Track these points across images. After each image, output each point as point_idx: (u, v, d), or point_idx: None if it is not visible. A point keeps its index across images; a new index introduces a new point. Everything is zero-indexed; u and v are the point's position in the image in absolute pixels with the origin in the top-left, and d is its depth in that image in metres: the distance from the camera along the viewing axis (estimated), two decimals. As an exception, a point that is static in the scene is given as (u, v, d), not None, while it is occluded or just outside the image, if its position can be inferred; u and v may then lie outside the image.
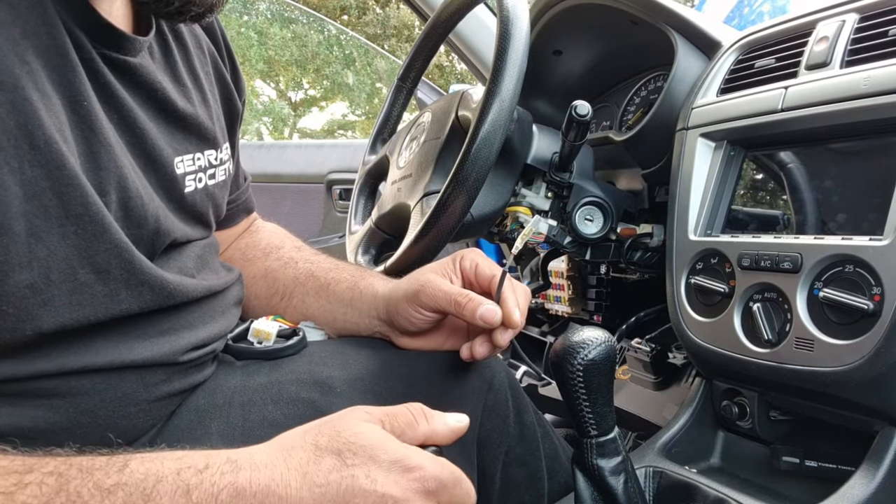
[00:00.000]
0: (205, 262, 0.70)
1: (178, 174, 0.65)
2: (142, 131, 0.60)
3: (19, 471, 0.43)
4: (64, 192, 0.50)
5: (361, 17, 10.87)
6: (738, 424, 0.79)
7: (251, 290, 0.85)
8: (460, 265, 0.73)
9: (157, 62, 0.66)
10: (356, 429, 0.49)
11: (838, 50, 0.74)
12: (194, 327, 0.65)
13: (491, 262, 0.72)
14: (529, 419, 0.80)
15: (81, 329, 0.54)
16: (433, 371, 0.74)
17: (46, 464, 0.45)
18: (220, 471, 0.46)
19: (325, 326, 0.81)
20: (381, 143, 1.23)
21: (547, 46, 1.20)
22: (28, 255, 0.48)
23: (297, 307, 0.82)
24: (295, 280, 0.84)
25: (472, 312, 0.66)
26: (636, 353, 1.06)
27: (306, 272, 0.84)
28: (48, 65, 0.51)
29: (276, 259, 0.88)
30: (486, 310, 0.66)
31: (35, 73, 0.49)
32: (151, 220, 0.59)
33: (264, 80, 9.03)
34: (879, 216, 0.65)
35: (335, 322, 0.80)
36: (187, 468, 0.46)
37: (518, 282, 0.73)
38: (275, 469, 0.47)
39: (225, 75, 0.79)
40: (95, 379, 0.56)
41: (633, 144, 1.01)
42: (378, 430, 0.49)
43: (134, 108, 0.59)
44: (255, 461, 0.47)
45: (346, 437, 0.48)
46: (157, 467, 0.45)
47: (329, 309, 0.81)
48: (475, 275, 0.72)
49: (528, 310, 0.71)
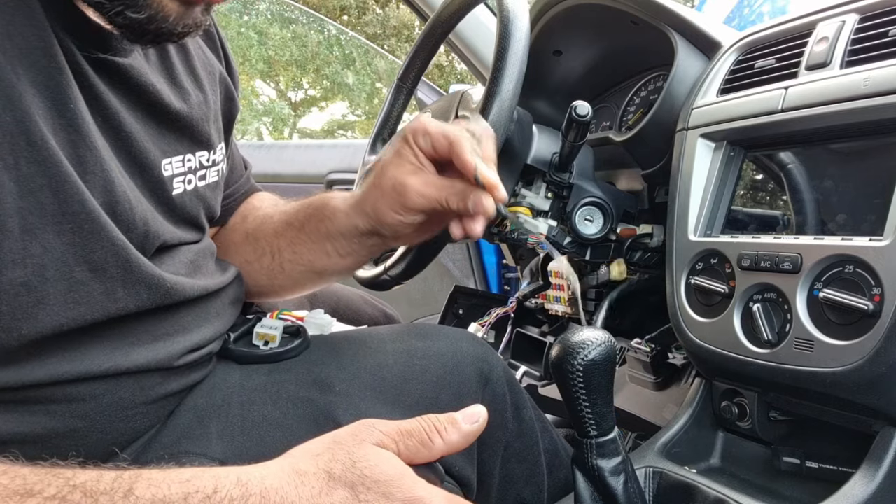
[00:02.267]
0: (198, 266, 0.69)
1: (166, 176, 0.64)
2: (127, 134, 0.59)
3: (20, 492, 0.42)
4: (60, 189, 0.50)
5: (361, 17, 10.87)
6: (737, 425, 0.79)
7: (240, 257, 0.82)
8: (417, 145, 0.66)
9: (151, 63, 0.65)
10: (372, 460, 0.47)
11: (838, 50, 0.74)
12: (189, 330, 0.65)
13: (442, 126, 0.65)
14: (528, 415, 0.80)
15: (78, 333, 0.54)
16: (430, 367, 0.73)
17: (48, 485, 0.43)
18: (228, 496, 0.44)
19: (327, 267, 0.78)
20: (381, 143, 1.23)
21: (547, 46, 1.20)
22: (22, 253, 0.48)
23: (291, 260, 0.79)
24: (275, 234, 0.80)
25: (464, 206, 0.62)
26: (636, 353, 1.06)
27: (282, 223, 0.80)
28: (35, 66, 0.50)
29: (253, 220, 0.85)
30: (475, 201, 0.61)
31: (20, 74, 0.49)
32: (140, 223, 0.58)
33: (264, 80, 9.03)
34: (879, 216, 0.65)
35: (331, 256, 0.76)
36: (195, 492, 0.44)
37: (472, 132, 0.65)
38: (285, 498, 0.45)
39: (225, 76, 0.79)
40: (93, 385, 0.56)
41: (633, 145, 1.01)
42: (394, 462, 0.48)
43: (120, 111, 0.58)
44: (266, 486, 0.46)
45: (360, 469, 0.46)
46: (164, 492, 0.44)
47: (317, 248, 0.77)
48: (434, 146, 0.65)
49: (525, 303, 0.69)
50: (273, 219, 0.82)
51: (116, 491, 0.43)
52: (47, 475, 0.44)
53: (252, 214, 0.87)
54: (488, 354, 0.79)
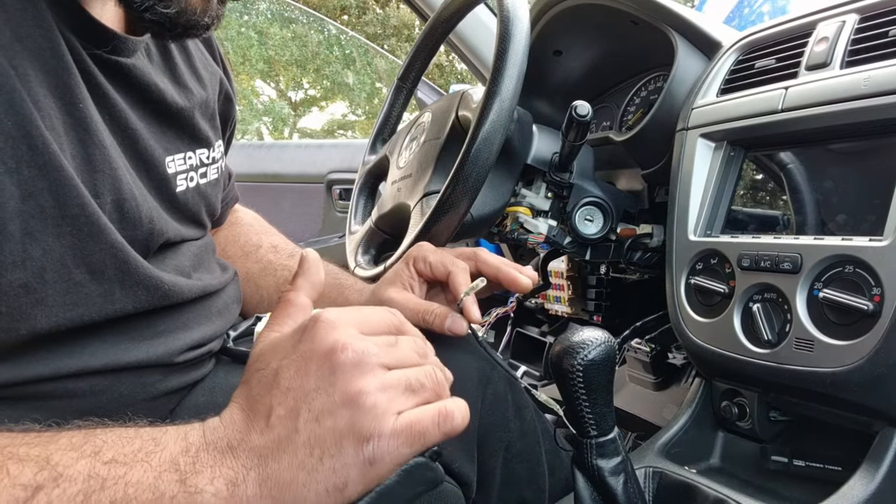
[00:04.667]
0: (201, 261, 0.70)
1: (170, 173, 0.65)
2: (133, 131, 0.60)
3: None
4: (60, 192, 0.50)
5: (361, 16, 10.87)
6: (737, 425, 0.79)
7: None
8: (415, 269, 0.74)
9: (154, 63, 0.66)
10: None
11: (838, 50, 0.74)
12: (189, 328, 0.65)
13: (443, 255, 0.73)
14: (529, 415, 0.80)
15: (76, 330, 0.54)
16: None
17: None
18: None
19: None
20: (381, 143, 1.23)
21: (547, 46, 1.20)
22: (22, 255, 0.48)
23: None
24: (276, 289, 0.86)
25: (440, 328, 0.68)
26: (636, 354, 1.06)
27: (286, 281, 0.85)
28: (43, 68, 0.50)
29: (256, 262, 0.90)
30: (451, 322, 0.68)
31: (29, 76, 0.49)
32: (146, 220, 0.59)
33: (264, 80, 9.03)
34: (879, 217, 0.65)
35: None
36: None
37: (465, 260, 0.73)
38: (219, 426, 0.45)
39: (224, 78, 0.80)
40: (92, 381, 0.56)
41: (633, 145, 1.01)
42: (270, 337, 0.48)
43: (125, 109, 0.59)
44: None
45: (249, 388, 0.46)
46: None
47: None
48: (432, 273, 0.73)
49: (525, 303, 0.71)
50: (276, 272, 0.88)
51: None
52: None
53: (254, 255, 0.91)
54: (488, 355, 0.79)
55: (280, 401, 0.43)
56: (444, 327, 0.67)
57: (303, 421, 0.42)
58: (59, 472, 0.40)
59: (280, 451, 0.42)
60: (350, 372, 0.43)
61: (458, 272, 0.71)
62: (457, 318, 0.68)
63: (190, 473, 0.42)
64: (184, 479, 0.41)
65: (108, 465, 0.41)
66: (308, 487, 0.42)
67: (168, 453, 0.42)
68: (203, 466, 0.42)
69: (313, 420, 0.42)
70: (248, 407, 0.45)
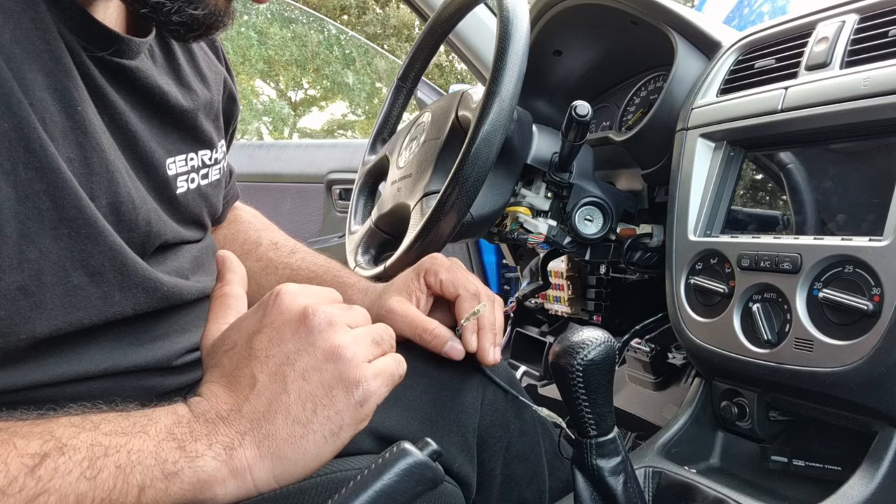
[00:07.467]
0: (200, 263, 0.70)
1: (170, 175, 0.65)
2: (133, 133, 0.60)
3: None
4: (58, 194, 0.50)
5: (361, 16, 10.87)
6: (737, 425, 0.79)
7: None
8: (426, 281, 0.73)
9: (158, 64, 0.65)
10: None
11: (838, 50, 0.74)
12: (188, 331, 0.65)
13: (456, 274, 0.73)
14: (529, 415, 0.80)
15: (76, 335, 0.54)
16: (431, 366, 0.74)
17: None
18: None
19: None
20: (381, 143, 1.23)
21: (547, 46, 1.20)
22: (19, 258, 0.48)
23: None
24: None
25: (437, 349, 0.69)
26: (636, 353, 1.06)
27: (287, 279, 0.84)
28: (42, 70, 0.50)
29: (256, 260, 0.89)
30: (450, 347, 0.69)
31: (27, 79, 0.49)
32: (143, 223, 0.59)
33: (264, 80, 9.03)
34: (879, 217, 0.65)
35: None
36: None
37: (487, 305, 0.72)
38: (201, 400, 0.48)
39: (227, 78, 0.80)
40: (91, 386, 0.56)
41: (633, 145, 1.01)
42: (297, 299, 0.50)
43: (126, 111, 0.59)
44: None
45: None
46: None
47: None
48: (441, 290, 0.73)
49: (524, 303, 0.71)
50: (277, 271, 0.88)
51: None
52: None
53: (254, 253, 0.90)
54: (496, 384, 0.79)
55: (261, 368, 0.47)
56: (442, 351, 0.69)
57: (290, 381, 0.47)
58: (63, 442, 0.42)
59: (272, 412, 0.46)
60: (326, 331, 0.48)
61: (467, 298, 0.71)
62: (456, 345, 0.69)
63: (188, 441, 0.45)
64: (182, 446, 0.44)
65: (108, 435, 0.44)
66: (307, 438, 0.46)
67: (163, 425, 0.45)
68: (199, 435, 0.45)
69: (300, 378, 0.47)
70: (228, 382, 0.48)
